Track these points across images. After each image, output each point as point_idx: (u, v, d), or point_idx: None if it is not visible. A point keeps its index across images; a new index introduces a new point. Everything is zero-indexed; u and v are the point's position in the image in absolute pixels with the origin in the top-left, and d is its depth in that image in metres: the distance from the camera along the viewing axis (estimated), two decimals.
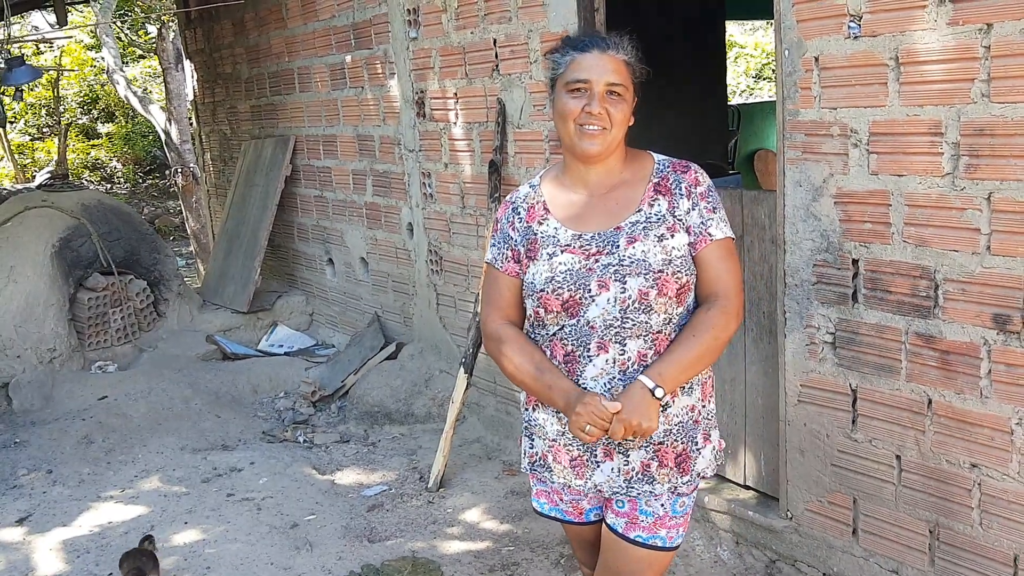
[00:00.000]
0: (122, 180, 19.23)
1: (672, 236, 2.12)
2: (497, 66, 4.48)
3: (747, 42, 21.66)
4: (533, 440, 2.32)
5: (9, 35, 5.08)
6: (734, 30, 21.04)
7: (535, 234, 2.21)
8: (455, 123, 4.90)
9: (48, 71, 15.79)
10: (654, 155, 2.25)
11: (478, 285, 4.74)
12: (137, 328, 6.51)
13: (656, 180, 2.18)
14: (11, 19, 4.84)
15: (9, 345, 5.89)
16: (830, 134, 2.93)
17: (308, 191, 6.78)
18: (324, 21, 6.02)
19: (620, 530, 2.25)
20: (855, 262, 2.94)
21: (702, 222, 2.14)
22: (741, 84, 20.52)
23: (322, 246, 6.77)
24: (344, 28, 5.79)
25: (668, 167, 2.20)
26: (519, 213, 2.26)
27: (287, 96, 6.79)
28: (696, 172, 2.20)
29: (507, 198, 2.33)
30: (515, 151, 4.48)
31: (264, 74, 7.08)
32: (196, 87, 8.69)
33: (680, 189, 2.16)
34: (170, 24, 13.44)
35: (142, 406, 5.59)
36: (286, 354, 6.58)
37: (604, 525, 2.32)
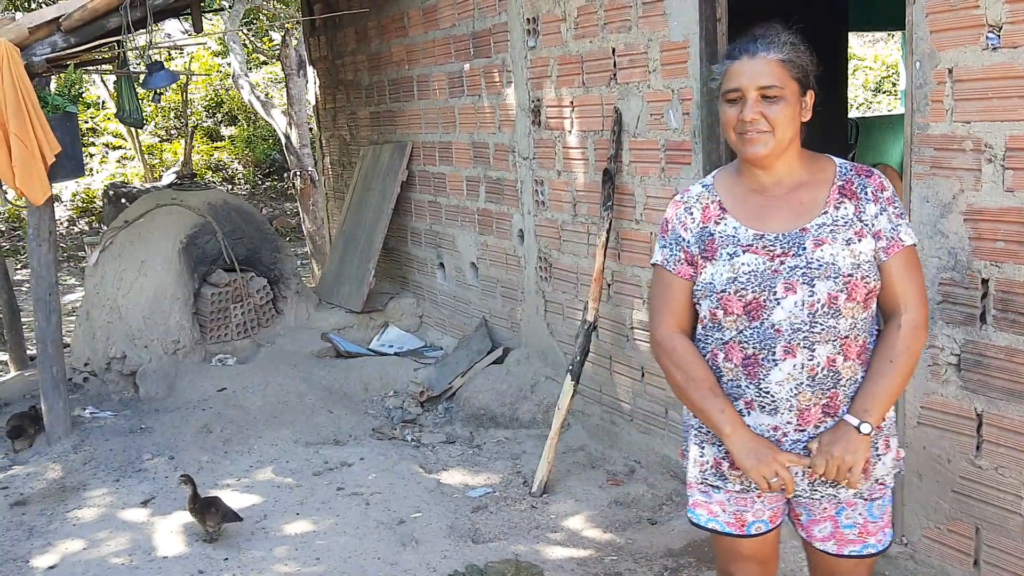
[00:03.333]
0: (242, 181, 19.96)
1: (859, 240, 2.08)
2: (615, 75, 4.50)
3: (866, 54, 21.05)
4: (704, 448, 2.29)
5: (151, 41, 5.35)
6: (853, 42, 20.47)
7: (711, 234, 2.19)
8: (570, 131, 4.93)
9: (183, 75, 16.53)
10: (834, 158, 2.22)
11: (587, 293, 4.76)
12: (256, 324, 6.76)
13: (840, 183, 2.14)
14: (152, 26, 5.10)
15: (137, 336, 6.20)
16: (962, 149, 2.84)
17: (422, 196, 6.92)
18: (444, 30, 6.14)
19: (834, 552, 2.24)
20: (985, 282, 2.84)
21: (892, 227, 2.10)
22: (859, 97, 19.94)
23: (434, 250, 6.90)
24: (463, 37, 5.90)
25: (851, 170, 2.16)
26: (692, 213, 2.24)
27: (406, 103, 6.95)
28: (879, 177, 2.15)
29: (677, 198, 2.31)
30: (630, 160, 4.48)
31: (384, 81, 7.26)
32: (318, 93, 8.97)
33: (866, 193, 2.12)
34: (293, 32, 13.90)
35: (258, 399, 5.80)
36: (396, 354, 6.72)
37: (809, 548, 2.32)
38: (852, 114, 14.18)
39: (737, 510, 2.29)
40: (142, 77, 5.80)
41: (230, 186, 19.67)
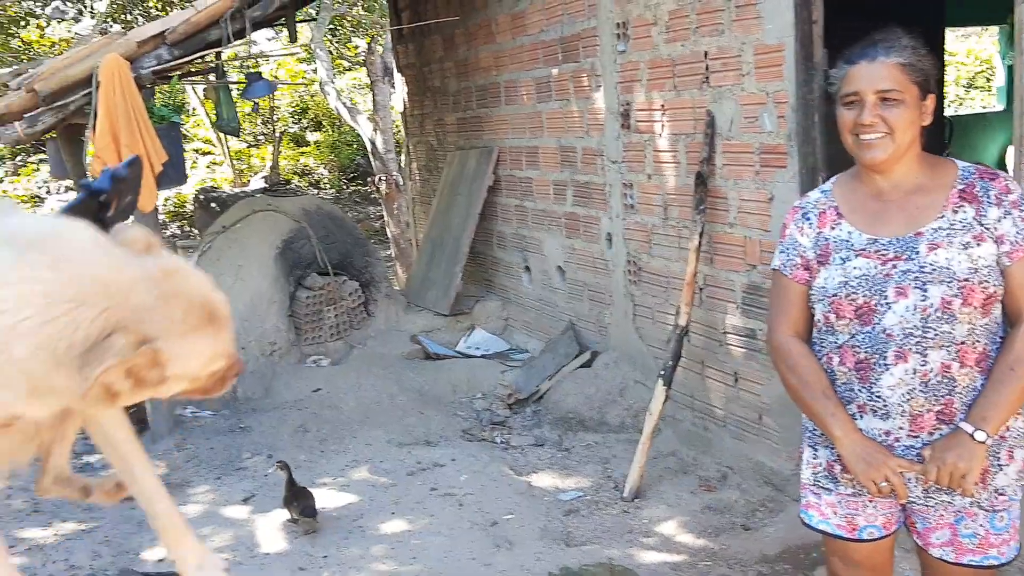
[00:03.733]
0: (327, 186, 20.37)
1: (979, 244, 2.05)
2: (707, 78, 4.48)
3: (958, 49, 20.43)
4: (817, 450, 2.31)
5: (249, 52, 5.53)
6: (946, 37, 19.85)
7: (827, 239, 2.20)
8: (660, 135, 4.93)
9: (281, 85, 16.99)
10: (957, 162, 2.19)
11: (678, 297, 4.75)
12: (348, 326, 6.91)
13: (961, 187, 2.11)
14: (251, 38, 5.27)
15: (235, 337, 6.39)
16: None
17: (509, 200, 6.98)
18: (532, 36, 6.19)
19: (951, 559, 2.21)
20: None
21: (1018, 231, 2.06)
22: (951, 94, 19.37)
23: (520, 254, 6.95)
24: (552, 42, 5.94)
25: (974, 173, 2.13)
26: (809, 219, 2.26)
27: (493, 109, 7.02)
28: (1005, 180, 2.11)
29: (796, 203, 2.33)
30: (723, 163, 4.46)
31: (471, 87, 7.35)
32: (406, 99, 9.12)
33: (989, 196, 2.08)
34: (379, 39, 14.14)
35: (352, 399, 5.93)
36: (482, 356, 6.79)
37: (924, 555, 2.28)
38: (946, 112, 13.79)
39: (848, 513, 2.28)
40: (241, 87, 6.00)
41: (316, 190, 20.11)
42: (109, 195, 1.26)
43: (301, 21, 9.51)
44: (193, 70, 6.07)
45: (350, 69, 20.99)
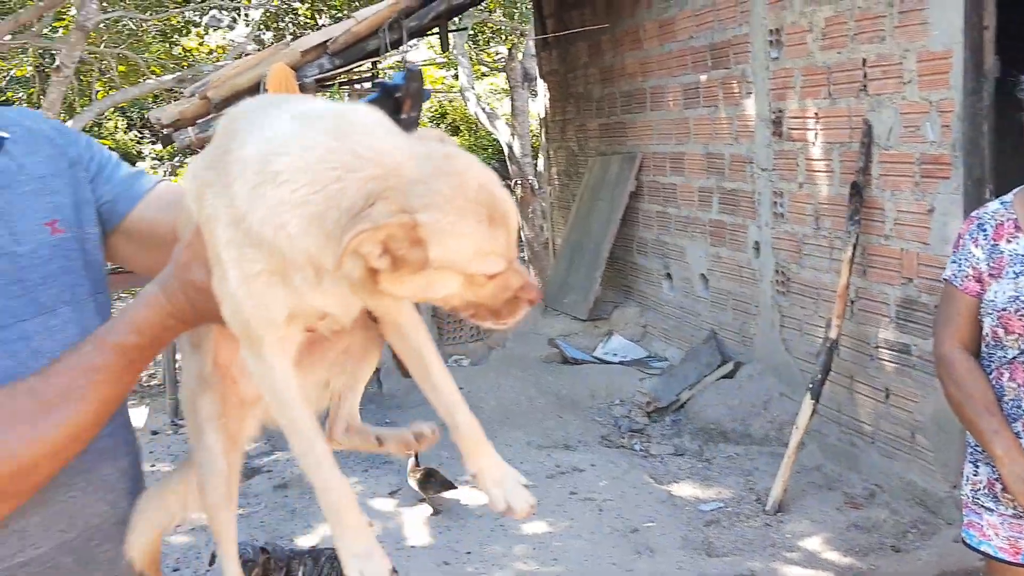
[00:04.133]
0: None
1: None
2: (865, 86, 4.37)
3: None
4: (978, 467, 2.26)
5: (404, 61, 5.72)
6: None
7: (1001, 252, 2.16)
8: (813, 143, 4.83)
9: (436, 92, 17.49)
10: None
11: (828, 309, 4.64)
12: (488, 328, 7.04)
13: None
14: (407, 46, 5.45)
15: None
16: None
17: (651, 207, 6.96)
18: (681, 42, 6.17)
19: None
20: None
21: None
22: None
23: (661, 260, 6.93)
24: (701, 49, 5.90)
25: None
26: (985, 230, 2.21)
27: (637, 115, 7.03)
28: None
29: (973, 213, 2.28)
30: (880, 173, 4.34)
31: (615, 93, 7.37)
32: (547, 105, 9.22)
33: None
34: (519, 46, 14.33)
35: (492, 400, 6.05)
36: (620, 363, 6.80)
37: None
38: None
39: (1011, 536, 2.20)
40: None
41: None
42: (403, 93, 1.19)
43: (452, 31, 9.74)
44: (351, 78, 6.32)
45: (486, 75, 21.32)
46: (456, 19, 12.08)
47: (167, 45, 14.92)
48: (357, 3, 14.00)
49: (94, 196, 1.30)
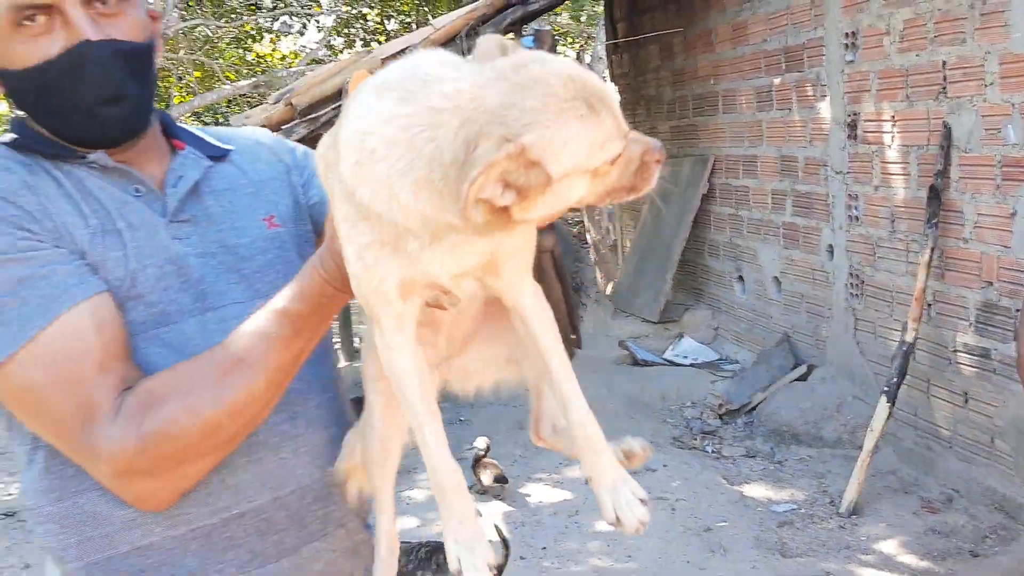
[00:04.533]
0: None
1: None
2: (944, 88, 4.35)
3: None
4: None
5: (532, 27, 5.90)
6: None
7: None
8: (890, 146, 4.81)
9: None
10: None
11: (903, 312, 4.62)
12: None
13: None
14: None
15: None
16: None
17: (723, 209, 6.97)
18: (754, 45, 6.18)
19: None
20: None
21: None
22: None
23: (732, 263, 6.93)
24: (775, 52, 5.90)
25: None
26: None
27: (709, 117, 7.04)
28: None
29: None
30: (959, 176, 4.31)
31: (687, 96, 7.40)
32: None
33: None
34: (587, 48, 14.37)
35: None
36: (691, 365, 6.82)
37: None
38: None
39: None
40: None
41: None
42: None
43: (526, 36, 9.89)
44: None
45: None
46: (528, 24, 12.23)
47: (241, 51, 15.31)
48: (425, 8, 14.21)
49: (305, 198, 1.47)
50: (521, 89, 0.90)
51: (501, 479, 4.81)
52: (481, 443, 4.96)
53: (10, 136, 1.30)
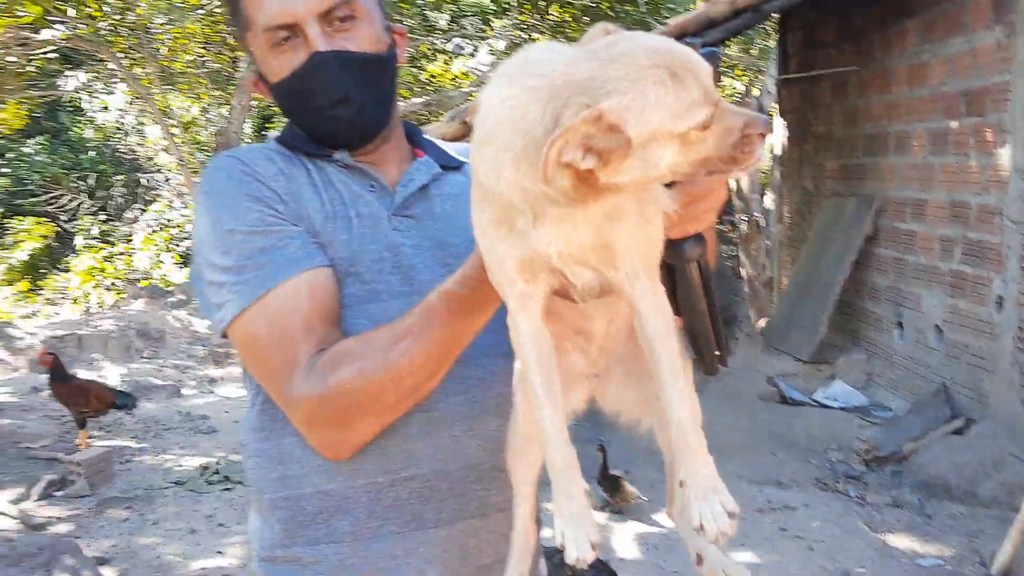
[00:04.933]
0: None
1: None
2: None
3: None
4: None
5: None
6: None
7: None
8: None
9: None
10: None
11: None
12: None
13: None
14: None
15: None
16: None
17: (886, 252, 6.80)
18: (931, 87, 6.03)
19: None
20: None
21: None
22: None
23: (892, 308, 6.74)
24: (953, 95, 5.75)
25: None
26: None
27: (878, 158, 6.90)
28: None
29: None
30: None
31: (858, 135, 7.26)
32: (784, 143, 9.17)
33: None
34: (756, 81, 14.22)
35: (705, 430, 6.07)
36: (841, 408, 6.67)
37: None
38: None
39: None
40: None
41: None
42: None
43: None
44: None
45: None
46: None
47: (415, 70, 15.93)
48: None
49: None
50: (607, 63, 0.95)
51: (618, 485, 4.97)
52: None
53: (280, 135, 1.55)
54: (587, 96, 0.93)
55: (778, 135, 9.48)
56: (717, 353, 1.25)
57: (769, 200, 11.78)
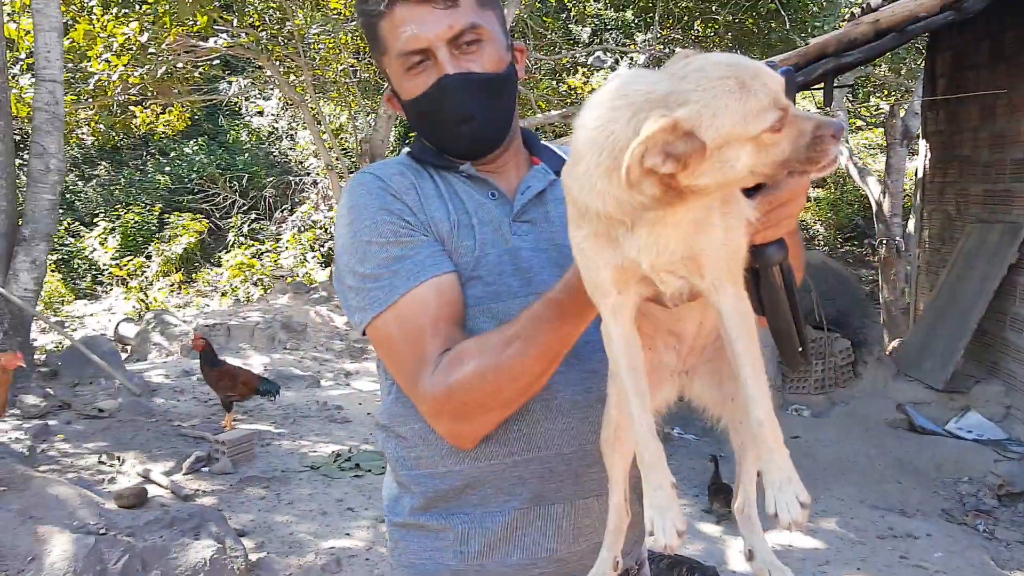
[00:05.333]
0: (821, 243, 20.20)
1: None
2: None
3: None
4: None
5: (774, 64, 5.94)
6: None
7: None
8: None
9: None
10: None
11: None
12: (834, 382, 7.03)
13: None
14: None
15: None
16: None
17: None
18: None
19: None
20: None
21: None
22: None
23: None
24: None
25: None
26: None
27: None
28: None
29: None
30: None
31: (1005, 160, 7.03)
32: (927, 166, 8.92)
33: None
34: (902, 102, 13.79)
35: (829, 453, 6.06)
36: (975, 440, 6.46)
37: None
38: None
39: None
40: None
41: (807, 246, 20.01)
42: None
43: (837, 87, 9.74)
44: None
45: (863, 129, 20.60)
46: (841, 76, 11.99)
47: (555, 83, 16.14)
48: (738, 52, 14.28)
49: None
50: (682, 79, 1.05)
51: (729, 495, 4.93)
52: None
53: (411, 149, 1.72)
54: (664, 108, 1.03)
55: (921, 158, 9.22)
56: (799, 351, 1.32)
57: (911, 224, 11.42)
